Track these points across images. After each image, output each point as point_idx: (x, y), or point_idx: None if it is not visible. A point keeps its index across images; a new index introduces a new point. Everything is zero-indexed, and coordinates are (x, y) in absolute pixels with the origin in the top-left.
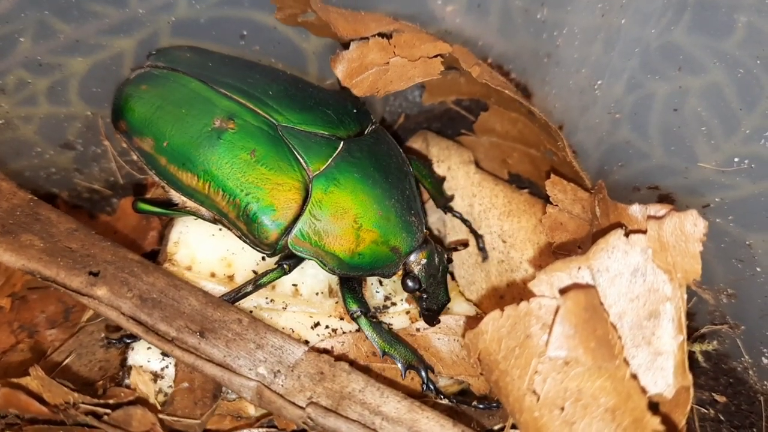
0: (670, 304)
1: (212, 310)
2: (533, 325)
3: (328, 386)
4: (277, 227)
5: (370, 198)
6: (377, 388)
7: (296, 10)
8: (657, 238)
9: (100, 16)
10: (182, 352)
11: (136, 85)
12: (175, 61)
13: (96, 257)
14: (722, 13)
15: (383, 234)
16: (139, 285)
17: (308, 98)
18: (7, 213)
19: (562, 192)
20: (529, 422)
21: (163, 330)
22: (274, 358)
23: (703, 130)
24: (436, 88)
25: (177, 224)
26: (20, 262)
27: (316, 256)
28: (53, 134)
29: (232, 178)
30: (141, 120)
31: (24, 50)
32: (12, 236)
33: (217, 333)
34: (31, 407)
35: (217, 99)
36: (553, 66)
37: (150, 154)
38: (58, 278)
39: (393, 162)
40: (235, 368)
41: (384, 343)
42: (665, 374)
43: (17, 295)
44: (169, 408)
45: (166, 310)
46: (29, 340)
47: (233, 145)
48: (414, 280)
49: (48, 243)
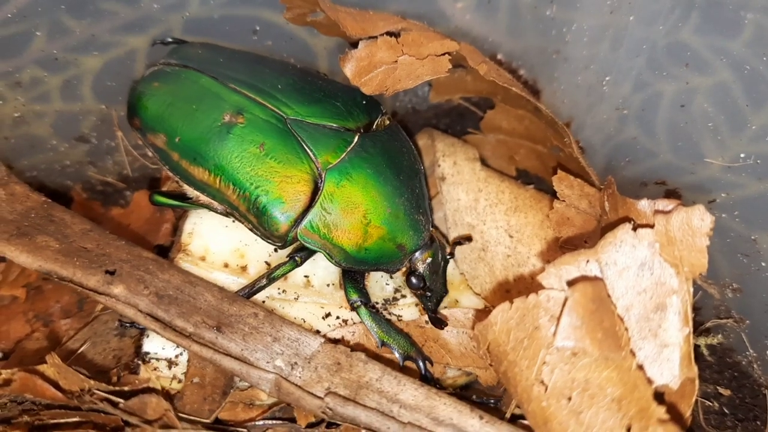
0: (676, 297)
1: (228, 305)
2: (542, 317)
3: (345, 376)
4: (286, 219)
5: (380, 194)
6: (394, 377)
7: (305, 9)
8: (664, 233)
9: (113, 13)
10: (200, 347)
11: (148, 82)
12: (186, 57)
13: (111, 256)
14: (729, 12)
15: (391, 231)
16: (155, 282)
17: (317, 91)
18: (22, 216)
19: (569, 187)
20: (536, 411)
21: (181, 326)
22: (291, 351)
23: (710, 128)
24: (442, 87)
25: (191, 216)
26: (37, 263)
27: (323, 248)
28: (68, 128)
29: (241, 172)
30: (154, 117)
31: (39, 46)
32: (28, 238)
33: (233, 327)
34: (47, 393)
35: (226, 94)
36: (562, 63)
37: (163, 150)
38: (75, 278)
39: (405, 159)
40: (252, 361)
41: (382, 333)
42: (671, 366)
43: (32, 286)
44: (178, 403)
45: (182, 306)
46: (44, 329)
47: (242, 139)
48: (419, 279)
49: (63, 243)
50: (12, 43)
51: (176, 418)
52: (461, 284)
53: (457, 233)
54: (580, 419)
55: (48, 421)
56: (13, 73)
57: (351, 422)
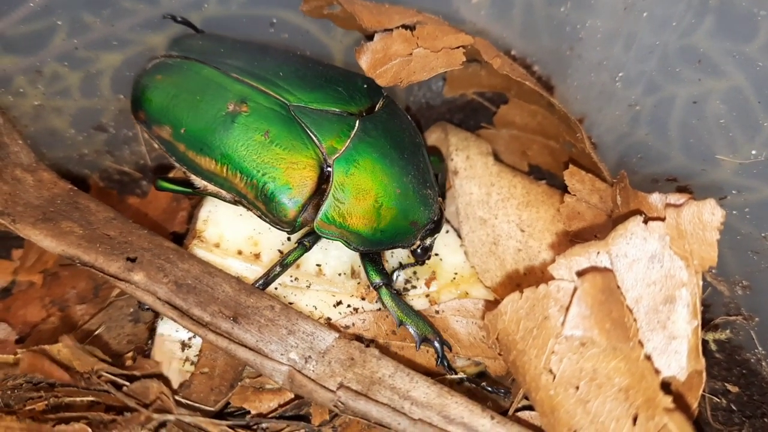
0: (685, 290)
1: (245, 297)
2: (551, 307)
3: (359, 371)
4: (294, 205)
5: (388, 177)
6: (407, 374)
7: (321, 2)
8: (675, 226)
9: (133, 11)
10: (216, 336)
11: (151, 75)
12: (188, 49)
13: (133, 244)
14: (744, 15)
15: (403, 210)
16: (174, 271)
17: (318, 77)
18: (48, 201)
19: (581, 182)
20: (544, 400)
21: (198, 315)
22: (306, 344)
23: (723, 130)
24: (457, 81)
25: (206, 204)
26: (60, 248)
27: (341, 237)
28: (87, 118)
29: (248, 160)
30: (158, 109)
31: (61, 41)
32: (52, 223)
33: (249, 318)
34: (55, 373)
35: (229, 83)
36: (575, 60)
37: (169, 142)
38: (97, 263)
39: (406, 136)
40: (267, 353)
41: (402, 314)
42: (679, 358)
43: (49, 272)
44: (185, 391)
45: (200, 295)
46: (60, 313)
47: (247, 127)
48: (425, 251)
49: (87, 230)
50: (35, 37)
51: (174, 404)
52: (471, 277)
53: (469, 227)
54: (587, 408)
55: (63, 400)
56: (35, 66)
57: (362, 417)
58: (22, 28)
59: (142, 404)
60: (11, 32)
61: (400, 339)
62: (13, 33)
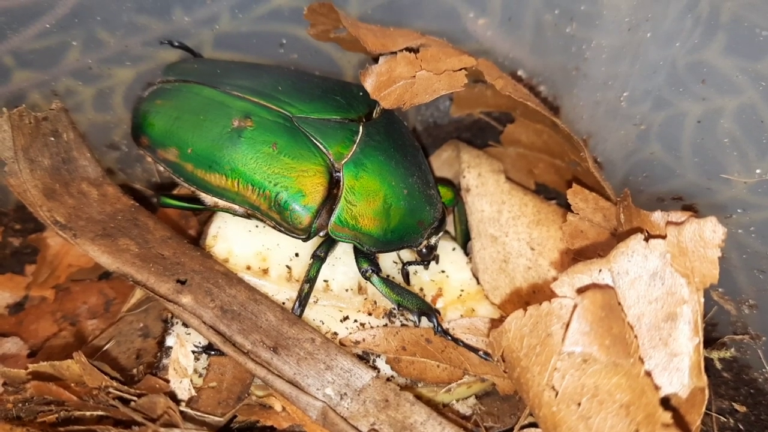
0: (687, 307)
1: (287, 327)
2: (554, 324)
3: (392, 414)
4: (308, 211)
5: (395, 178)
6: (439, 422)
7: (328, 26)
8: (676, 243)
9: (146, 27)
10: (255, 366)
11: (151, 101)
12: (184, 72)
13: (185, 266)
14: (755, 33)
15: (410, 209)
16: (221, 296)
17: (315, 88)
18: (110, 217)
19: (584, 201)
20: (547, 416)
21: (240, 342)
22: (342, 381)
23: (729, 149)
24: (463, 101)
25: (216, 220)
26: (115, 265)
27: (354, 239)
28: (100, 135)
29: (258, 172)
30: (162, 133)
31: (74, 57)
32: (111, 239)
33: (290, 350)
34: (63, 395)
35: (231, 101)
36: (581, 79)
37: (176, 163)
38: (148, 283)
39: (407, 139)
40: (303, 386)
41: (397, 296)
42: (681, 375)
43: (61, 287)
44: (193, 404)
45: (244, 323)
46: (71, 328)
47: (254, 140)
48: (431, 250)
49: (143, 248)
50: (49, 53)
51: (181, 419)
52: (477, 294)
53: (480, 244)
54: (589, 424)
55: (73, 413)
56: (49, 82)
57: None
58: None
59: (150, 419)
60: (26, 47)
61: (410, 354)
62: (28, 48)
